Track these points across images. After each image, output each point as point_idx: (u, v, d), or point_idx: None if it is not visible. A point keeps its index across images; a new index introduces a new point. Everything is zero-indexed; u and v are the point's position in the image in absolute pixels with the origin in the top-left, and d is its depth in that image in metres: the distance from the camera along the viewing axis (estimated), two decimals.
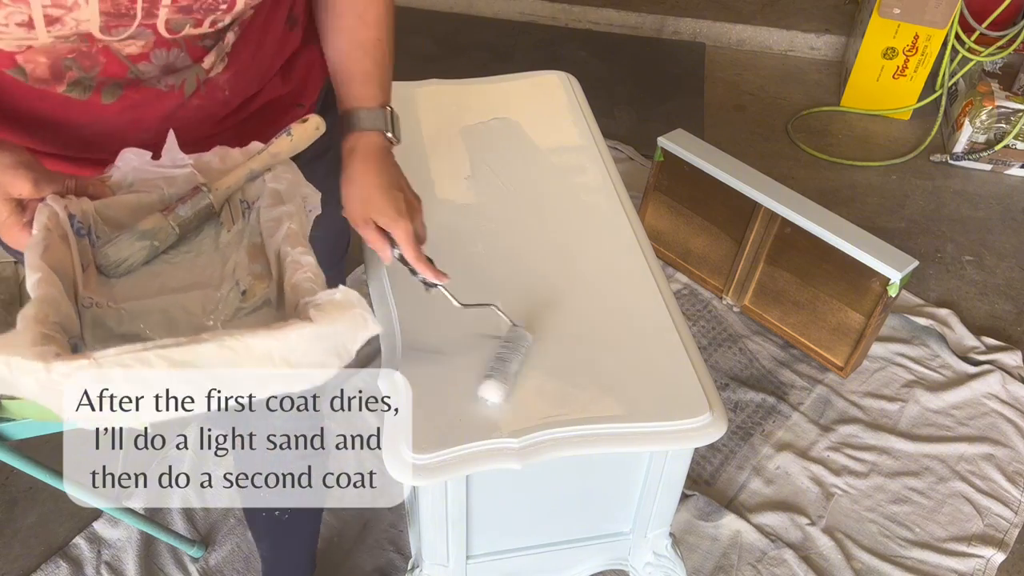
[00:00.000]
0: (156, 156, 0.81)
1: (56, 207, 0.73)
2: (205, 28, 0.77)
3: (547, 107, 1.52)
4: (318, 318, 0.66)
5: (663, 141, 2.04)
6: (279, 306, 0.77)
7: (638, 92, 2.92)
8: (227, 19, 0.78)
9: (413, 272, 0.96)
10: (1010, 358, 2.01)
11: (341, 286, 0.69)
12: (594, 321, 1.15)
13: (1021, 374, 1.99)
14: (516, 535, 1.21)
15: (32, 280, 0.66)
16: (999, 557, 1.65)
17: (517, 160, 1.40)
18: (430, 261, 0.96)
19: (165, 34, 0.75)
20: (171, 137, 0.81)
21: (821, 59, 3.13)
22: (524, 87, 1.57)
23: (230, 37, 0.82)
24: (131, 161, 0.80)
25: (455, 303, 1.01)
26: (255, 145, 0.85)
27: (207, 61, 0.81)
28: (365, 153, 0.90)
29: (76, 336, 0.67)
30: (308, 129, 0.85)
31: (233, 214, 0.83)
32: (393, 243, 0.93)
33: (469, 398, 1.01)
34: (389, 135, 0.92)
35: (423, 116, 1.49)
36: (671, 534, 1.28)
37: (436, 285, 0.98)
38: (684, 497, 1.69)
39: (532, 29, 3.25)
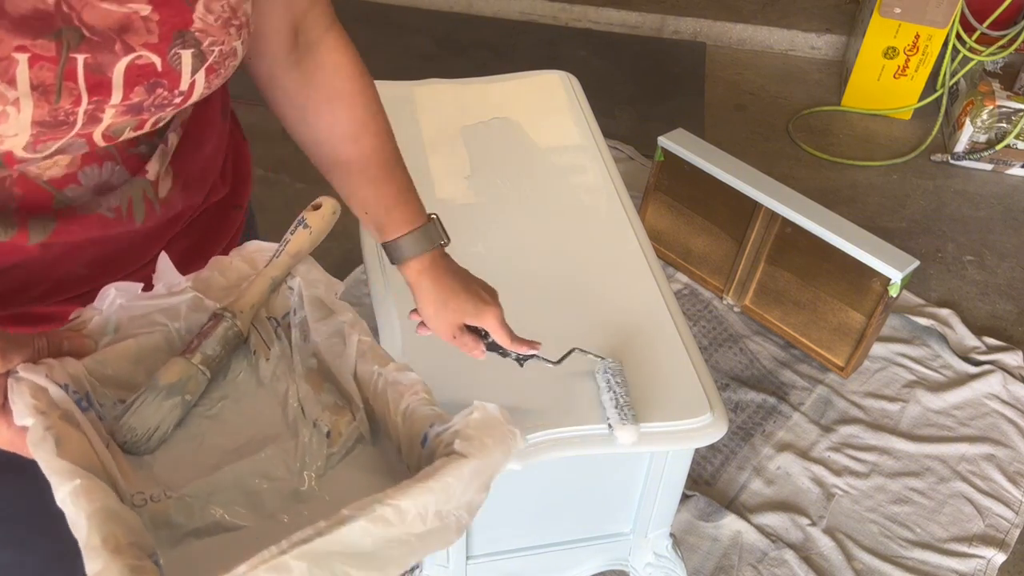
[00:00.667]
0: (99, 284, 0.63)
1: (35, 378, 0.54)
2: (147, 129, 0.63)
3: (547, 107, 1.52)
4: (470, 450, 0.53)
5: (663, 141, 2.03)
6: (374, 440, 0.64)
7: (638, 92, 2.91)
8: (170, 114, 0.63)
9: (504, 354, 0.93)
10: (1011, 358, 2.01)
11: (475, 401, 0.57)
12: (594, 321, 1.14)
13: (1022, 374, 1.99)
14: (516, 535, 1.21)
15: (66, 491, 0.48)
16: (1000, 557, 1.65)
17: (517, 160, 1.40)
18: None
19: (100, 142, 0.60)
20: (164, 259, 0.66)
21: (822, 59, 3.12)
22: (524, 87, 1.57)
23: (172, 139, 0.68)
24: (114, 299, 0.62)
25: (549, 364, 0.99)
26: (254, 245, 0.70)
27: (150, 171, 0.66)
28: (433, 271, 0.85)
29: (153, 553, 0.50)
30: (325, 215, 0.71)
31: (265, 337, 0.67)
32: (482, 334, 0.90)
33: (471, 396, 1.01)
34: (442, 242, 0.86)
35: (423, 116, 1.49)
36: (671, 534, 1.28)
37: (532, 356, 0.94)
38: (684, 497, 1.68)
39: (532, 28, 3.25)
